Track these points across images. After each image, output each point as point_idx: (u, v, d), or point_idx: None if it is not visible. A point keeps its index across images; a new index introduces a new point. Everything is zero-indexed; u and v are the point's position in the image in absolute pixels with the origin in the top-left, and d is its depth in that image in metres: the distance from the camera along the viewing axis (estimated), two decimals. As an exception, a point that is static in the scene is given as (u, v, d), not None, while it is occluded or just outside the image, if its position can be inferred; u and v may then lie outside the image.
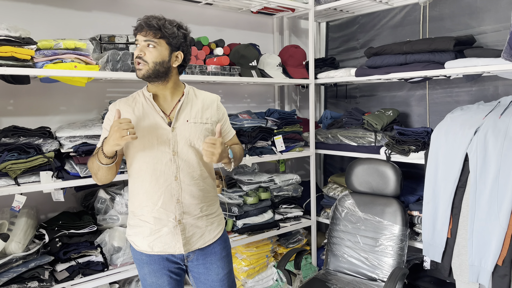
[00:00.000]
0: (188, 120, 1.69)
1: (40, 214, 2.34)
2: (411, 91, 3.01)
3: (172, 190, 1.66)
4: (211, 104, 1.78)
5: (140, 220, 1.70)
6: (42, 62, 1.91)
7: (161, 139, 1.64)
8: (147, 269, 1.72)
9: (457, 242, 2.16)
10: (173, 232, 1.67)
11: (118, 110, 1.58)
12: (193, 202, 1.70)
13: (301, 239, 3.11)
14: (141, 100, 1.70)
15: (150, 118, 1.66)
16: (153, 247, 1.68)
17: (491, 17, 2.54)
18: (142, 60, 1.60)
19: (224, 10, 3.03)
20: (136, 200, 1.70)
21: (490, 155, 2.02)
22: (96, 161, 1.60)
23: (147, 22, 1.59)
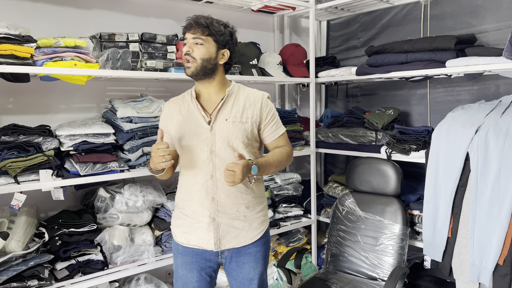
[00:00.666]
0: (227, 119, 1.70)
1: (40, 213, 2.34)
2: (412, 90, 3.00)
3: (207, 188, 1.71)
4: (254, 103, 1.75)
5: (181, 213, 1.78)
6: (42, 60, 1.90)
7: (200, 137, 1.70)
8: (180, 259, 1.79)
9: (457, 242, 2.16)
10: (207, 229, 1.72)
11: (161, 130, 1.69)
12: (229, 201, 1.72)
13: (301, 238, 3.11)
14: (188, 99, 1.77)
15: (193, 117, 1.73)
16: (188, 240, 1.76)
17: (492, 16, 2.53)
18: (190, 57, 1.65)
19: (224, 9, 3.02)
20: (180, 193, 1.80)
21: (491, 154, 2.01)
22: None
23: (196, 20, 1.65)
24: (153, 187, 2.41)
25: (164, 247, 2.39)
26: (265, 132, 1.79)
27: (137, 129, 2.25)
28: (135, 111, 2.25)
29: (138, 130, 2.25)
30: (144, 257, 2.29)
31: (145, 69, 2.27)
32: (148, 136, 2.29)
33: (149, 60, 2.28)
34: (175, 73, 2.33)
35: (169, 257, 2.36)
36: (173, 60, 2.37)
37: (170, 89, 2.78)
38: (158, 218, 2.43)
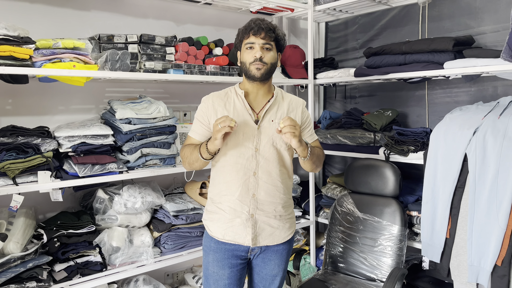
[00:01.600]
0: (273, 120, 1.78)
1: (38, 214, 2.33)
2: (410, 91, 3.01)
3: (249, 184, 1.76)
4: (297, 107, 1.87)
5: (218, 208, 1.80)
6: (40, 61, 1.90)
7: (246, 135, 1.75)
8: (212, 257, 1.80)
9: (455, 243, 2.16)
10: (245, 225, 1.76)
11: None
12: (268, 199, 1.78)
13: (300, 239, 3.11)
14: (233, 96, 1.81)
15: (240, 114, 1.76)
16: (224, 235, 1.77)
17: (490, 18, 2.54)
18: (262, 62, 1.72)
19: (223, 10, 3.03)
20: (216, 188, 1.82)
21: (489, 156, 2.02)
22: (197, 154, 1.73)
23: (265, 26, 1.72)
24: (152, 188, 2.41)
25: (162, 248, 2.39)
26: (304, 135, 1.90)
27: (136, 130, 2.25)
28: (134, 113, 2.25)
29: (137, 132, 2.25)
30: (143, 258, 2.28)
31: (144, 70, 2.27)
32: (147, 138, 2.29)
33: (148, 62, 2.28)
34: (174, 74, 2.33)
35: (168, 259, 2.36)
36: (172, 62, 2.38)
37: (169, 90, 2.78)
38: (157, 219, 2.43)
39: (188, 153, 1.78)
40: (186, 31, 2.85)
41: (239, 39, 1.78)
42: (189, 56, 2.45)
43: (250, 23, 1.74)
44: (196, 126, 1.83)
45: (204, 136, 1.81)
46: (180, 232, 2.43)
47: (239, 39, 1.78)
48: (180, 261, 2.39)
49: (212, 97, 1.82)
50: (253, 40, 1.72)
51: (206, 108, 1.80)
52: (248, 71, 1.75)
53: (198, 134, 1.82)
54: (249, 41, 1.73)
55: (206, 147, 1.70)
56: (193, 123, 1.85)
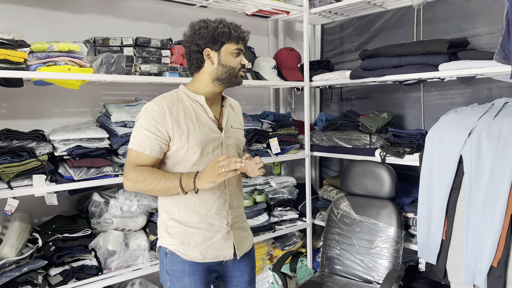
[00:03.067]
0: (232, 126, 1.74)
1: (33, 218, 2.32)
2: (406, 93, 3.02)
3: (224, 196, 1.67)
4: (239, 110, 1.87)
5: (190, 227, 1.63)
6: (35, 64, 1.90)
7: (214, 144, 1.64)
8: (188, 281, 1.63)
9: (451, 244, 2.17)
10: (225, 238, 1.67)
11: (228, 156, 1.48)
12: (239, 206, 1.75)
13: (296, 242, 3.11)
14: (188, 101, 1.64)
15: (203, 122, 1.62)
16: (205, 255, 1.64)
17: (484, 20, 2.55)
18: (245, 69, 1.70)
19: (219, 13, 3.03)
20: (182, 207, 1.62)
21: (484, 157, 2.03)
22: (170, 185, 1.51)
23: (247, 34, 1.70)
24: (147, 191, 2.40)
25: (159, 251, 2.38)
26: (241, 136, 1.86)
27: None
28: (130, 116, 2.24)
29: (132, 135, 2.25)
30: (139, 262, 2.27)
31: (139, 73, 2.27)
32: (142, 141, 2.28)
33: (143, 65, 2.28)
34: (169, 77, 2.33)
35: (164, 262, 2.35)
36: (168, 64, 2.37)
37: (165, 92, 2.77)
38: (153, 222, 2.42)
39: (152, 180, 1.52)
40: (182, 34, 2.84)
41: (221, 39, 1.61)
42: (185, 59, 2.44)
43: (238, 30, 1.64)
44: (147, 140, 1.53)
45: (161, 152, 1.57)
46: (176, 235, 2.42)
47: (220, 39, 1.61)
48: (177, 265, 2.38)
49: (166, 103, 1.58)
50: (241, 47, 1.67)
51: (161, 117, 1.54)
52: (235, 78, 1.66)
53: (153, 150, 1.54)
54: (239, 47, 1.66)
55: (193, 183, 1.49)
56: (139, 135, 1.54)
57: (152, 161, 1.56)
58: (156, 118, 1.54)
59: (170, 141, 1.57)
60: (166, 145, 1.57)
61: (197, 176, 1.49)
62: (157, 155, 1.56)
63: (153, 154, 1.55)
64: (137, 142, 1.55)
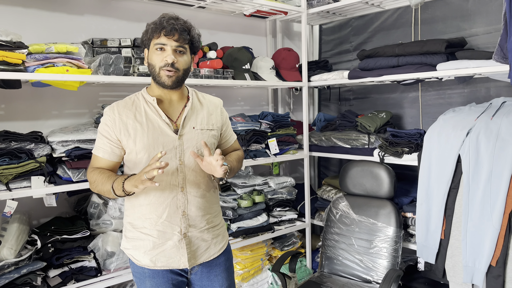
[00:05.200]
0: (194, 127, 1.61)
1: (32, 220, 2.32)
2: (404, 93, 3.03)
3: (178, 202, 1.58)
4: (215, 109, 1.72)
5: (142, 233, 1.59)
6: (33, 66, 1.89)
7: (167, 147, 1.55)
8: (149, 283, 1.60)
9: (450, 243, 2.17)
10: (177, 246, 1.59)
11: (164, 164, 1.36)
12: (199, 214, 1.63)
13: (295, 242, 3.11)
14: (142, 104, 1.59)
15: (155, 125, 1.56)
16: (155, 262, 1.59)
17: (482, 20, 2.56)
18: (174, 68, 1.52)
19: (217, 14, 3.03)
20: (137, 211, 1.60)
21: (482, 156, 2.03)
22: (109, 187, 1.49)
23: (180, 27, 1.52)
24: (146, 192, 2.40)
25: (158, 252, 2.37)
26: (225, 136, 1.78)
27: (130, 134, 2.24)
28: (128, 117, 2.24)
29: (131, 136, 2.25)
30: (138, 263, 2.27)
31: (138, 74, 2.27)
32: (141, 142, 2.28)
33: (141, 65, 2.28)
34: (167, 78, 2.33)
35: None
36: (166, 65, 2.37)
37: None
38: (151, 223, 2.41)
39: (98, 181, 1.53)
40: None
41: (147, 36, 1.54)
42: (183, 60, 2.44)
43: (162, 21, 1.52)
44: (101, 143, 1.57)
45: (115, 155, 1.57)
46: (175, 236, 2.42)
47: (147, 37, 1.54)
48: (176, 265, 2.38)
49: (117, 108, 1.57)
50: (164, 41, 1.50)
51: (112, 122, 1.55)
52: (158, 77, 1.53)
53: (105, 152, 1.57)
54: (160, 41, 1.51)
55: (122, 185, 1.45)
56: (97, 138, 1.59)
57: (107, 164, 1.59)
58: (107, 123, 1.57)
59: (121, 144, 1.57)
60: (118, 148, 1.58)
61: (128, 178, 1.45)
62: (110, 158, 1.58)
63: (106, 156, 1.58)
64: (95, 145, 1.61)
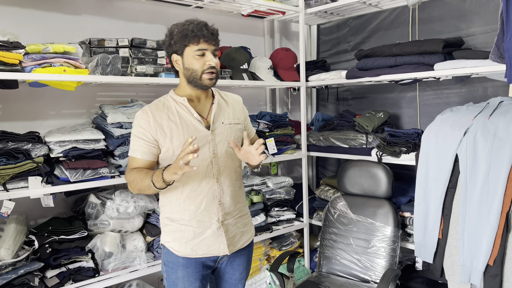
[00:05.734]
0: (223, 122, 1.75)
1: (29, 220, 2.31)
2: (402, 93, 3.03)
3: (214, 192, 1.70)
4: (237, 104, 1.87)
5: (181, 225, 1.70)
6: (30, 66, 1.89)
7: (201, 142, 1.68)
8: (181, 273, 1.71)
9: (448, 243, 2.17)
10: (216, 234, 1.71)
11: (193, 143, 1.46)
12: (233, 202, 1.76)
13: (294, 242, 3.11)
14: (173, 105, 1.72)
15: (188, 123, 1.69)
16: (197, 251, 1.70)
17: (479, 20, 2.56)
18: (216, 69, 1.67)
19: (214, 13, 3.03)
20: (174, 205, 1.71)
21: (479, 156, 2.03)
22: (148, 182, 1.57)
23: (216, 32, 1.68)
24: (144, 192, 2.40)
25: (156, 253, 2.37)
26: (247, 129, 1.91)
27: (128, 134, 2.24)
28: (126, 117, 2.24)
29: (128, 136, 2.24)
30: (136, 263, 2.27)
31: (135, 74, 2.27)
32: (138, 142, 2.28)
33: (139, 66, 2.28)
34: (165, 78, 2.33)
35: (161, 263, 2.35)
36: (163, 65, 2.37)
37: (161, 94, 2.75)
38: (149, 223, 2.41)
39: (138, 179, 1.62)
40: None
41: (182, 43, 1.63)
42: (181, 60, 2.44)
43: (200, 28, 1.62)
44: (138, 145, 1.67)
45: (152, 154, 1.67)
46: (173, 236, 2.42)
47: (182, 43, 1.63)
48: (174, 266, 2.38)
49: (150, 111, 1.68)
50: (205, 46, 1.63)
51: (147, 124, 1.65)
52: (200, 80, 1.66)
53: (143, 153, 1.67)
54: (201, 47, 1.62)
55: (161, 176, 1.53)
56: (132, 141, 1.69)
57: (145, 164, 1.68)
58: (142, 125, 1.67)
59: (158, 144, 1.68)
60: (156, 148, 1.68)
61: (166, 168, 1.54)
62: (148, 158, 1.68)
63: (144, 157, 1.67)
64: (131, 148, 1.70)
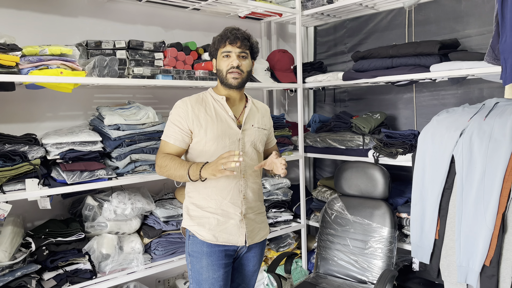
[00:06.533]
0: (253, 125, 1.90)
1: (26, 222, 2.31)
2: (398, 94, 3.04)
3: (240, 187, 1.84)
4: (266, 113, 2.02)
5: (207, 211, 1.83)
6: (27, 68, 1.89)
7: (232, 139, 1.82)
8: (205, 261, 1.81)
9: (444, 243, 2.18)
10: (238, 225, 1.83)
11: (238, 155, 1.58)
12: (254, 198, 1.90)
13: (291, 243, 3.11)
14: (211, 101, 1.86)
15: (222, 119, 1.83)
16: (218, 238, 1.81)
17: (475, 21, 2.58)
18: (240, 70, 1.79)
19: (211, 15, 3.04)
20: (202, 193, 1.83)
21: (475, 157, 2.04)
22: (183, 173, 1.71)
23: (241, 35, 1.79)
24: (141, 194, 2.40)
25: (153, 254, 2.37)
26: (270, 137, 2.07)
27: (125, 136, 2.24)
28: (123, 119, 2.24)
29: (125, 138, 2.24)
30: (133, 265, 2.27)
31: (133, 76, 2.27)
32: (136, 144, 2.28)
33: (136, 67, 2.28)
34: (162, 80, 2.33)
35: (159, 265, 2.35)
36: (161, 67, 2.37)
37: (158, 96, 2.78)
38: (147, 225, 2.41)
39: (171, 166, 1.75)
40: (175, 36, 2.85)
41: (215, 47, 1.84)
42: (178, 62, 2.45)
43: (226, 32, 1.80)
44: (172, 131, 1.81)
45: (184, 142, 1.81)
46: (170, 238, 2.42)
47: (215, 47, 1.84)
48: (171, 267, 2.38)
49: (190, 102, 1.83)
50: (229, 49, 1.79)
51: (185, 113, 1.80)
52: (225, 79, 1.81)
53: (176, 140, 1.80)
54: (226, 50, 1.79)
55: (199, 173, 1.68)
56: (168, 127, 1.83)
57: (176, 150, 1.81)
58: (180, 114, 1.80)
59: (192, 134, 1.80)
60: (188, 137, 1.81)
61: (204, 166, 1.68)
62: (180, 145, 1.81)
63: (177, 143, 1.80)
64: (165, 133, 1.83)
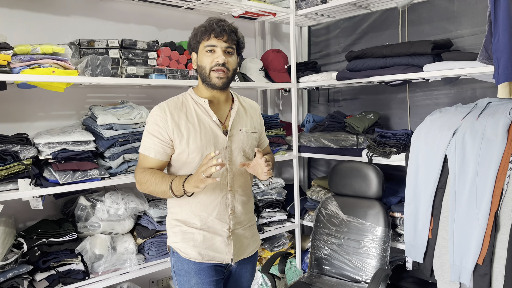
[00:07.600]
0: (240, 129, 1.67)
1: (18, 223, 2.29)
2: (392, 94, 3.05)
3: (227, 201, 1.65)
4: (255, 112, 1.79)
5: (192, 227, 1.64)
6: (19, 67, 1.87)
7: (218, 148, 1.60)
8: (194, 280, 1.63)
9: (438, 242, 2.19)
10: (226, 242, 1.66)
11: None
12: (243, 212, 1.70)
13: (285, 243, 3.11)
14: (192, 105, 1.63)
15: (206, 126, 1.61)
16: (203, 256, 1.64)
17: (468, 21, 2.59)
18: (225, 68, 1.57)
19: (205, 15, 3.03)
20: (185, 209, 1.64)
21: (468, 156, 2.05)
22: (165, 188, 1.52)
23: (228, 27, 1.56)
24: (135, 194, 2.38)
25: (146, 255, 2.36)
26: (261, 139, 1.85)
27: (118, 136, 2.23)
28: (116, 118, 2.23)
29: (118, 137, 2.23)
30: (127, 265, 2.26)
31: (126, 75, 2.26)
32: (129, 143, 2.26)
33: (129, 67, 2.26)
34: (156, 79, 2.32)
35: (152, 265, 2.34)
36: (154, 66, 2.36)
37: (151, 95, 2.76)
38: (140, 225, 2.40)
39: (152, 182, 1.54)
40: (168, 36, 2.84)
41: (196, 39, 1.59)
42: (171, 61, 2.44)
43: (211, 23, 1.55)
44: (152, 143, 1.58)
45: (166, 155, 1.60)
46: (164, 238, 2.40)
47: (196, 40, 1.59)
48: (165, 268, 2.37)
49: (168, 109, 1.59)
50: (214, 42, 1.55)
51: (163, 122, 1.57)
52: (208, 78, 1.58)
53: (157, 153, 1.58)
54: (210, 43, 1.55)
55: (182, 187, 1.48)
56: (145, 138, 1.61)
57: (157, 164, 1.60)
58: (158, 123, 1.58)
59: (173, 144, 1.60)
60: (170, 148, 1.60)
61: (187, 179, 1.48)
62: (162, 158, 1.60)
63: (158, 157, 1.59)
64: (143, 145, 1.61)
